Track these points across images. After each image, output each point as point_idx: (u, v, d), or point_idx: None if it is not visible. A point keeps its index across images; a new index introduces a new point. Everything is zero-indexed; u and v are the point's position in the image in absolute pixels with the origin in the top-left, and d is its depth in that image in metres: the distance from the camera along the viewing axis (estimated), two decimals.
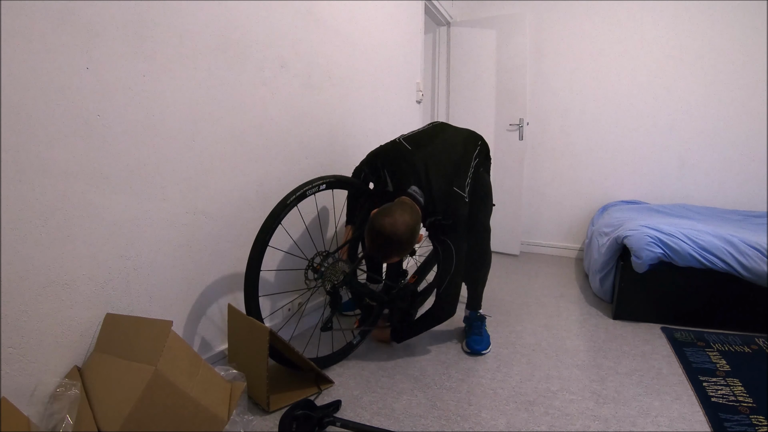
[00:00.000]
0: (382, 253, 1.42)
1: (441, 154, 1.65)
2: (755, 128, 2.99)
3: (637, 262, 2.04)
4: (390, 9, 2.58)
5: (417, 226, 1.44)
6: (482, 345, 1.81)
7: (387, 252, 1.41)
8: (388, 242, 1.38)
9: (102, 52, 1.11)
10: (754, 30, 2.92)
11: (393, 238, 1.37)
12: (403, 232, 1.38)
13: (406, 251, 1.43)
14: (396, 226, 1.37)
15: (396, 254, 1.43)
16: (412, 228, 1.41)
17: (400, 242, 1.38)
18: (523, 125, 3.34)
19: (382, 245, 1.39)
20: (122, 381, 1.00)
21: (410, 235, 1.40)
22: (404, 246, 1.40)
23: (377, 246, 1.40)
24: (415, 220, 1.43)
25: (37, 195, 1.01)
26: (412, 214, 1.43)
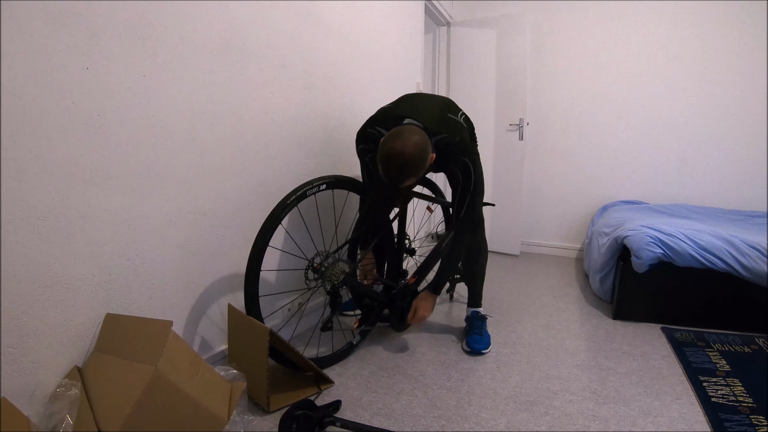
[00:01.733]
0: (395, 175, 1.39)
1: (425, 100, 1.68)
2: (755, 128, 2.99)
3: (637, 262, 2.04)
4: (390, 9, 2.58)
5: (427, 145, 1.43)
6: (482, 344, 1.80)
7: (400, 174, 1.38)
8: (401, 163, 1.37)
9: (102, 52, 1.11)
10: (754, 30, 2.92)
11: (405, 158, 1.36)
12: (413, 151, 1.37)
13: (419, 171, 1.42)
14: (407, 146, 1.37)
15: (410, 175, 1.40)
16: (423, 147, 1.40)
17: (413, 161, 1.37)
18: (523, 125, 3.34)
19: (395, 167, 1.37)
20: (122, 381, 1.00)
21: (422, 152, 1.39)
22: (417, 165, 1.39)
23: (389, 170, 1.38)
24: (424, 139, 1.43)
25: (37, 195, 1.01)
26: (420, 134, 1.42)
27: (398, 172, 1.39)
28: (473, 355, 1.79)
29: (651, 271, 2.05)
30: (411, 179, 1.43)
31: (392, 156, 1.37)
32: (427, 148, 1.43)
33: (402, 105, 1.66)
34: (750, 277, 1.93)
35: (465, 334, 1.90)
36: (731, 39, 2.97)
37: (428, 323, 2.10)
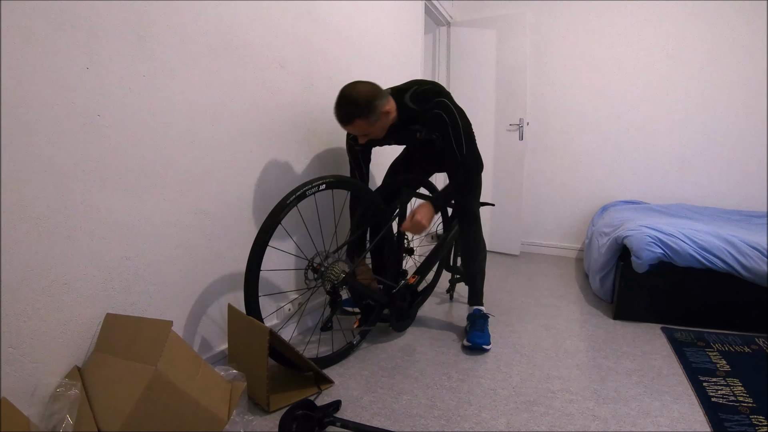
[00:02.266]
0: (343, 114, 1.56)
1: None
2: (755, 128, 2.99)
3: (637, 262, 2.04)
4: (390, 9, 2.58)
5: (376, 92, 1.57)
6: (484, 339, 1.80)
7: (347, 112, 1.54)
8: (347, 100, 1.54)
9: (102, 52, 1.11)
10: (754, 30, 2.92)
11: (351, 97, 1.54)
12: (361, 91, 1.54)
13: (367, 114, 1.55)
14: (355, 87, 1.56)
15: (356, 114, 1.54)
16: (370, 90, 1.56)
17: (358, 101, 1.53)
18: (523, 125, 3.34)
19: (342, 106, 1.55)
20: (122, 381, 1.00)
21: (368, 94, 1.54)
22: (363, 106, 1.54)
23: (338, 110, 1.56)
24: (375, 87, 1.58)
25: (37, 195, 1.01)
26: (370, 84, 1.59)
27: (345, 110, 1.55)
28: (474, 351, 1.79)
29: (651, 271, 2.05)
30: (358, 121, 1.56)
31: (340, 97, 1.56)
32: (376, 93, 1.57)
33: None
34: (750, 277, 1.94)
35: (466, 332, 1.89)
36: (731, 39, 2.97)
37: (428, 323, 2.10)
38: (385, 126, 1.69)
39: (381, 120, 1.63)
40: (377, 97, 1.58)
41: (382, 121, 1.64)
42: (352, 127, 1.63)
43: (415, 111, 1.68)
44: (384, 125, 1.67)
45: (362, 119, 1.57)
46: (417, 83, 1.72)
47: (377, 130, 1.66)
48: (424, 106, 1.67)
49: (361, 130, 1.63)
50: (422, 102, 1.67)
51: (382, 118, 1.63)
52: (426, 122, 1.70)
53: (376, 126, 1.64)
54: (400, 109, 1.70)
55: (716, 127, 3.08)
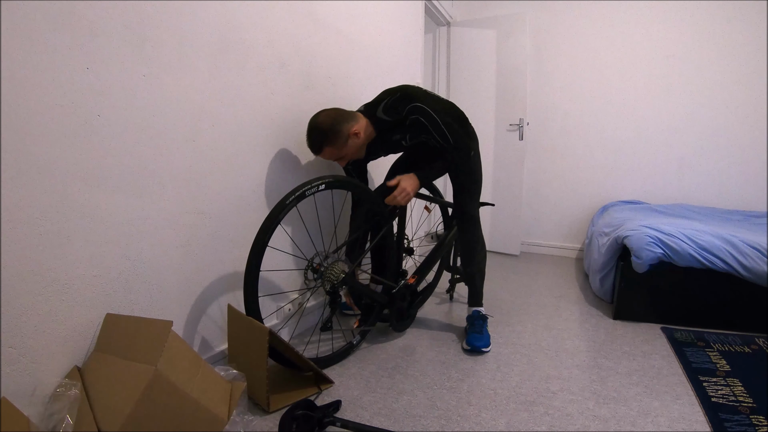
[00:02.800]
0: (312, 143, 1.66)
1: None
2: (755, 128, 2.99)
3: (637, 262, 2.04)
4: (390, 9, 2.58)
5: (340, 116, 1.65)
6: (482, 342, 1.79)
7: (315, 140, 1.64)
8: (312, 131, 1.64)
9: (102, 52, 1.11)
10: (754, 30, 2.92)
11: (316, 125, 1.64)
12: (323, 120, 1.64)
13: (334, 140, 1.63)
14: (318, 117, 1.66)
15: (324, 142, 1.63)
16: (333, 118, 1.64)
17: (323, 128, 1.62)
18: (523, 125, 3.34)
19: (310, 136, 1.65)
20: (122, 381, 1.00)
21: (331, 122, 1.63)
22: (328, 133, 1.62)
23: (308, 138, 1.67)
24: (338, 112, 1.67)
25: (37, 195, 1.01)
26: (336, 111, 1.67)
27: (312, 140, 1.65)
28: (473, 353, 1.79)
29: (651, 271, 2.05)
30: (328, 147, 1.65)
31: (308, 129, 1.66)
32: (339, 118, 1.65)
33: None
34: (750, 277, 1.94)
35: (465, 333, 1.90)
36: (731, 39, 2.97)
37: (428, 323, 2.10)
38: (360, 146, 1.72)
39: (350, 142, 1.67)
40: (341, 121, 1.64)
41: (353, 143, 1.68)
42: (324, 155, 1.69)
43: (391, 122, 1.71)
44: (357, 147, 1.71)
45: (330, 146, 1.65)
46: (387, 94, 1.73)
47: (351, 151, 1.70)
48: (398, 116, 1.68)
49: (332, 155, 1.69)
50: (395, 112, 1.69)
51: (351, 141, 1.67)
52: (407, 130, 1.72)
53: (348, 149, 1.68)
54: (377, 125, 1.74)
55: (716, 127, 3.08)
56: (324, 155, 1.69)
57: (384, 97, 1.73)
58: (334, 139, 1.63)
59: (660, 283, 2.09)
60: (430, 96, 1.74)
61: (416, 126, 1.68)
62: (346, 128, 1.65)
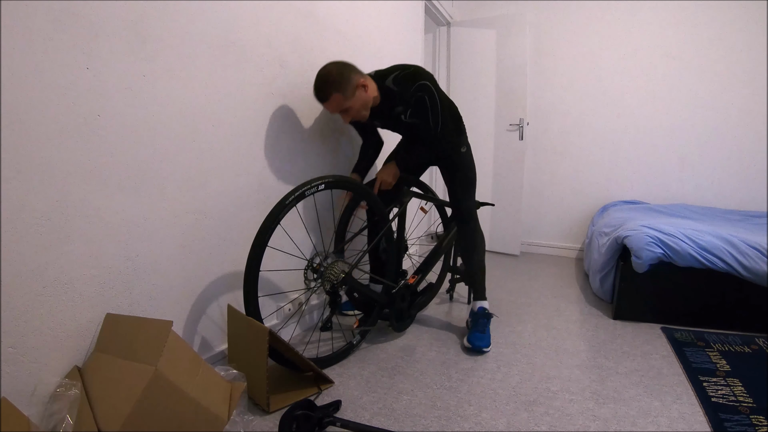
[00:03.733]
0: (319, 90, 1.66)
1: None
2: (755, 128, 2.99)
3: (637, 262, 2.04)
4: (390, 9, 2.58)
5: (348, 67, 1.68)
6: (484, 342, 1.80)
7: (323, 88, 1.65)
8: (320, 79, 1.65)
9: (102, 52, 1.11)
10: (754, 30, 2.92)
11: (324, 73, 1.65)
12: (331, 68, 1.66)
13: (342, 88, 1.64)
14: (327, 66, 1.67)
15: (332, 88, 1.63)
16: (342, 66, 1.67)
17: (332, 74, 1.64)
18: (523, 125, 3.34)
19: (318, 83, 1.66)
20: (122, 381, 1.00)
21: (340, 69, 1.65)
22: (336, 80, 1.63)
23: (315, 87, 1.67)
24: (346, 63, 1.69)
25: (37, 195, 1.01)
26: (344, 62, 1.70)
27: (320, 87, 1.65)
28: (474, 352, 1.79)
29: (651, 271, 2.05)
30: (336, 93, 1.64)
31: (315, 78, 1.67)
32: (347, 68, 1.67)
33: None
34: (750, 277, 1.93)
35: (468, 329, 1.90)
36: (731, 39, 2.97)
37: (428, 323, 2.10)
38: (366, 103, 1.72)
39: (358, 94, 1.68)
40: (350, 70, 1.67)
41: (360, 96, 1.68)
42: (330, 104, 1.68)
43: (398, 93, 1.74)
44: (364, 102, 1.70)
45: (337, 92, 1.64)
46: (399, 68, 1.77)
47: (357, 105, 1.69)
48: (406, 89, 1.72)
49: (338, 104, 1.67)
50: (405, 85, 1.72)
51: (359, 92, 1.68)
52: (410, 105, 1.75)
53: (354, 101, 1.68)
54: (383, 92, 1.76)
55: (716, 127, 3.08)
56: (330, 103, 1.67)
57: (396, 70, 1.76)
58: (342, 87, 1.63)
59: (660, 283, 2.09)
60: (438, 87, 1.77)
61: (418, 104, 1.72)
62: (354, 78, 1.66)
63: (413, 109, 1.75)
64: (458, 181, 1.90)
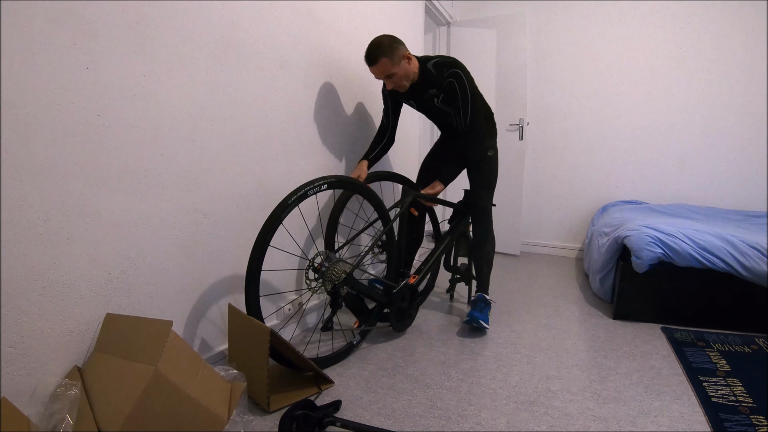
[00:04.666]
0: (370, 53, 1.83)
1: None
2: (755, 128, 2.99)
3: (637, 262, 2.04)
4: (390, 9, 2.58)
5: (396, 40, 1.85)
6: (482, 317, 1.94)
7: (374, 52, 1.82)
8: (373, 45, 1.83)
9: (102, 52, 1.11)
10: (754, 30, 2.92)
11: (376, 41, 1.84)
12: (383, 38, 1.84)
13: (392, 53, 1.82)
14: (379, 37, 1.86)
15: (382, 53, 1.81)
16: (389, 38, 1.85)
17: (383, 43, 1.82)
18: (523, 125, 3.34)
19: (370, 48, 1.83)
20: (122, 381, 1.00)
21: (390, 40, 1.84)
22: (387, 47, 1.81)
23: (367, 51, 1.84)
24: (392, 37, 1.86)
25: (37, 195, 1.01)
26: (389, 35, 1.88)
27: (372, 51, 1.82)
28: (472, 323, 1.91)
29: (651, 271, 2.05)
30: (384, 57, 1.81)
31: (369, 44, 1.85)
32: (396, 39, 1.85)
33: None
34: (750, 277, 1.94)
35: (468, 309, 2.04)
36: (731, 39, 2.97)
37: (428, 323, 2.10)
38: (408, 75, 1.89)
39: (403, 64, 1.86)
40: (398, 42, 1.86)
41: (404, 67, 1.87)
42: (378, 67, 1.84)
43: (435, 76, 1.92)
44: (406, 73, 1.88)
45: (386, 57, 1.82)
46: (441, 56, 1.95)
47: (401, 73, 1.87)
48: (441, 73, 1.90)
49: (386, 68, 1.84)
50: (440, 70, 1.90)
51: (404, 63, 1.86)
52: (443, 90, 1.93)
53: (399, 68, 1.86)
54: (423, 73, 1.94)
55: (716, 127, 3.08)
56: (378, 66, 1.83)
57: (437, 57, 1.95)
58: (391, 53, 1.82)
59: (660, 283, 2.09)
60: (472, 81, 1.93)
61: (450, 89, 1.90)
62: (402, 49, 1.85)
63: (445, 94, 1.93)
64: (481, 180, 2.10)
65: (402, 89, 1.94)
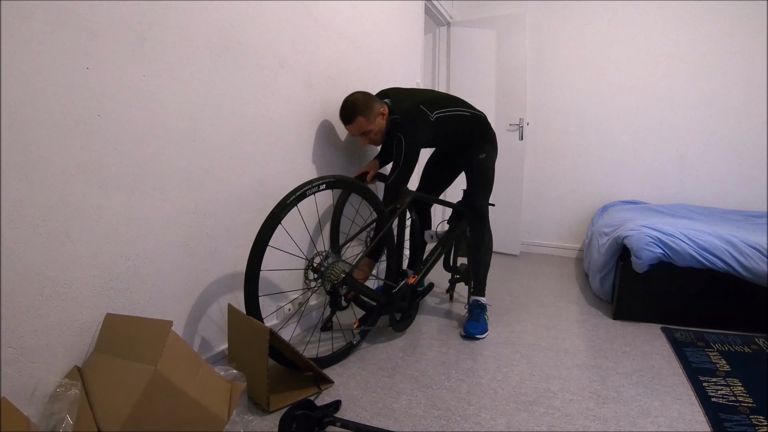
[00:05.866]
0: (346, 112, 1.86)
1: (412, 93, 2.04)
2: (755, 128, 2.99)
3: (637, 262, 2.04)
4: (390, 9, 2.58)
5: (369, 98, 1.88)
6: (477, 329, 1.92)
7: (350, 111, 1.84)
8: (348, 103, 1.86)
9: (102, 52, 1.11)
10: (754, 30, 2.92)
11: (352, 99, 1.86)
12: (358, 96, 1.87)
13: (365, 112, 1.84)
14: (353, 94, 1.89)
15: (356, 112, 1.83)
16: (364, 96, 1.87)
17: (356, 102, 1.84)
18: (523, 125, 3.34)
19: (346, 107, 1.86)
20: (122, 381, 1.00)
21: (362, 98, 1.86)
22: (361, 106, 1.84)
23: (342, 110, 1.87)
24: (367, 95, 1.89)
25: (37, 195, 1.01)
26: (364, 93, 1.91)
27: (347, 110, 1.85)
28: (468, 339, 1.88)
29: (651, 271, 2.05)
30: (360, 116, 1.83)
31: (342, 103, 1.87)
32: (370, 99, 1.88)
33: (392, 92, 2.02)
34: (750, 277, 1.93)
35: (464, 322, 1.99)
36: (731, 39, 2.97)
37: (428, 323, 2.10)
38: (382, 129, 1.91)
39: (378, 121, 1.88)
40: (373, 100, 1.89)
41: (379, 124, 1.89)
42: (354, 126, 1.86)
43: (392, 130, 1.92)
44: (381, 129, 1.91)
45: (362, 116, 1.84)
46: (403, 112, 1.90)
47: (376, 130, 1.89)
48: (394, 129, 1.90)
49: (361, 126, 1.86)
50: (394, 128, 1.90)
51: (378, 120, 1.88)
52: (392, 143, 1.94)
53: (374, 126, 1.88)
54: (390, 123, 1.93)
55: (716, 127, 3.08)
56: (354, 126, 1.87)
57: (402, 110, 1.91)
58: (366, 112, 1.85)
59: (660, 283, 2.09)
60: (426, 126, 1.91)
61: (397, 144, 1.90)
62: (377, 106, 1.88)
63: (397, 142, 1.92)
64: (475, 182, 2.13)
65: (377, 145, 1.99)
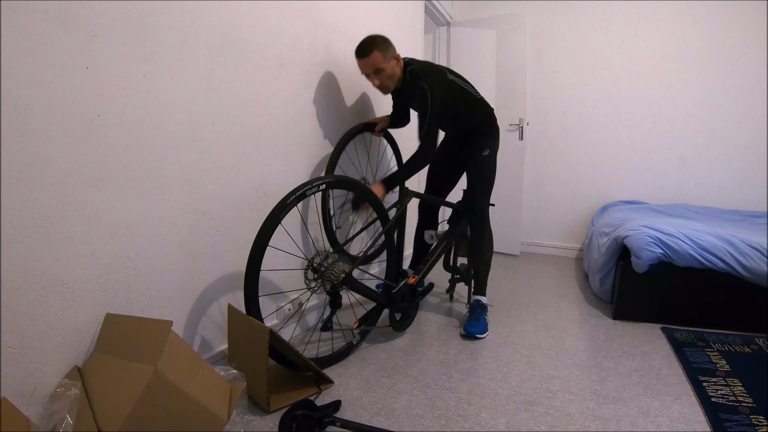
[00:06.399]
0: (364, 45, 1.87)
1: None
2: (755, 128, 2.99)
3: (637, 262, 2.04)
4: (390, 9, 2.58)
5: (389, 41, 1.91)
6: (478, 329, 1.92)
7: (368, 45, 1.86)
8: (367, 39, 1.88)
9: (102, 52, 1.11)
10: (754, 30, 2.92)
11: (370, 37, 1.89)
12: (376, 36, 1.89)
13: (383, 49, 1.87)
14: (372, 35, 1.91)
15: (374, 47, 1.85)
16: (384, 38, 1.90)
17: (375, 38, 1.87)
18: (523, 125, 3.34)
19: (364, 42, 1.88)
20: (122, 381, 1.00)
21: (381, 38, 1.89)
22: (380, 43, 1.86)
23: (360, 44, 1.88)
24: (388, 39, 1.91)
25: (37, 195, 1.01)
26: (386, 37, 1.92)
27: (366, 44, 1.86)
28: (468, 338, 1.88)
29: (651, 271, 2.05)
30: (377, 51, 1.85)
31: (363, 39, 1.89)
32: (389, 42, 1.91)
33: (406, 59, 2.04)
34: (750, 277, 1.93)
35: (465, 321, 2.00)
36: (731, 39, 2.97)
37: (428, 323, 2.10)
38: (394, 75, 1.93)
39: (392, 63, 1.91)
40: (390, 43, 1.91)
41: (392, 66, 1.91)
42: (368, 59, 1.86)
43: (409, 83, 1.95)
44: (393, 72, 1.92)
45: (378, 51, 1.86)
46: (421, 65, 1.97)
47: (388, 72, 1.90)
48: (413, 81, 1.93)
49: (376, 61, 1.87)
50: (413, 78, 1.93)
51: (392, 63, 1.91)
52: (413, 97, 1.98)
53: (388, 66, 1.89)
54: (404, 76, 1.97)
55: (716, 127, 3.08)
56: (369, 59, 1.87)
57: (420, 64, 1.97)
58: (384, 49, 1.87)
59: (660, 283, 2.09)
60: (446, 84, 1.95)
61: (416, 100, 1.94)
62: (393, 50, 1.92)
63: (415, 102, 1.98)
64: (476, 181, 2.11)
65: (386, 91, 1.98)
